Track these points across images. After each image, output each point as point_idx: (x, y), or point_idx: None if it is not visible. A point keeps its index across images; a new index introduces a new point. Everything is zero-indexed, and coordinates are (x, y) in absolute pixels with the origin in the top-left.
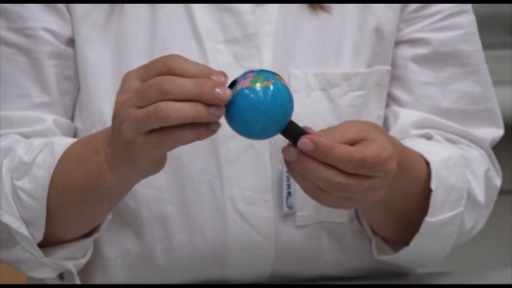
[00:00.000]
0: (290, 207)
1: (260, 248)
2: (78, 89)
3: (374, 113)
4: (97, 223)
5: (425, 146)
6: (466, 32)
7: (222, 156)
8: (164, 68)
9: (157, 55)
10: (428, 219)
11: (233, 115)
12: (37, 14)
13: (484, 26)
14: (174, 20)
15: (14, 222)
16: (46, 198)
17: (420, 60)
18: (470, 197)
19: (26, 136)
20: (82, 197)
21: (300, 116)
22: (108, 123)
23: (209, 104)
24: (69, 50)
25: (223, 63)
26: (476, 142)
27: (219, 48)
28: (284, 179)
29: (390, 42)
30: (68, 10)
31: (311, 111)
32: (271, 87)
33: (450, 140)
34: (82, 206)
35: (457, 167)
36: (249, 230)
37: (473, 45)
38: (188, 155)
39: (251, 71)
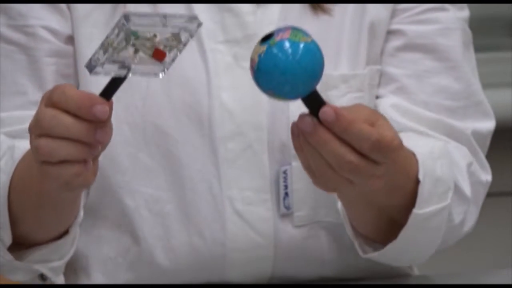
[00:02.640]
0: (287, 207)
1: (259, 248)
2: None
3: None
4: (64, 226)
5: (408, 138)
6: (445, 27)
7: (221, 156)
8: (51, 102)
9: None
10: (416, 211)
11: (267, 67)
12: (37, 11)
13: (484, 28)
14: None
15: None
16: (7, 202)
17: (395, 52)
18: (457, 189)
19: (12, 135)
20: (36, 202)
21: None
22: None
23: (87, 143)
24: (69, 48)
25: (222, 63)
26: (455, 136)
27: (219, 48)
28: (281, 179)
29: (381, 41)
30: (69, 9)
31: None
32: (312, 43)
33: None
34: (38, 211)
35: (442, 159)
36: (248, 230)
37: (452, 41)
38: (187, 154)
39: (287, 26)
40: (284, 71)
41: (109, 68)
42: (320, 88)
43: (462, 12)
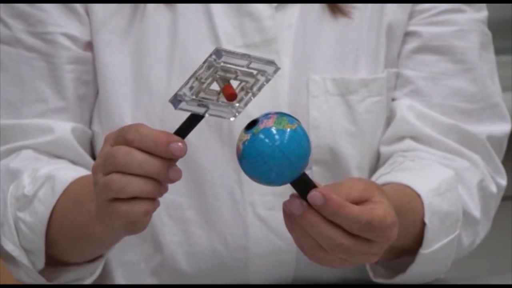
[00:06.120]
0: None
1: (282, 253)
2: (96, 93)
3: (385, 117)
4: (101, 253)
5: (414, 174)
6: (461, 29)
7: None
8: (124, 140)
9: (177, 60)
10: (422, 251)
11: (251, 156)
12: (56, 18)
13: (503, 30)
14: (194, 25)
15: (15, 251)
16: (45, 232)
17: (411, 54)
18: (466, 215)
19: (36, 148)
20: (78, 236)
21: (317, 122)
22: None
23: (159, 180)
24: (88, 54)
25: None
26: (469, 142)
27: None
28: None
29: (398, 44)
30: (87, 14)
31: (328, 117)
32: (296, 131)
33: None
34: (78, 243)
35: (450, 191)
36: (270, 234)
37: (468, 43)
38: (208, 160)
39: (273, 112)
40: (268, 160)
41: (191, 105)
42: (340, 92)
43: (480, 13)
